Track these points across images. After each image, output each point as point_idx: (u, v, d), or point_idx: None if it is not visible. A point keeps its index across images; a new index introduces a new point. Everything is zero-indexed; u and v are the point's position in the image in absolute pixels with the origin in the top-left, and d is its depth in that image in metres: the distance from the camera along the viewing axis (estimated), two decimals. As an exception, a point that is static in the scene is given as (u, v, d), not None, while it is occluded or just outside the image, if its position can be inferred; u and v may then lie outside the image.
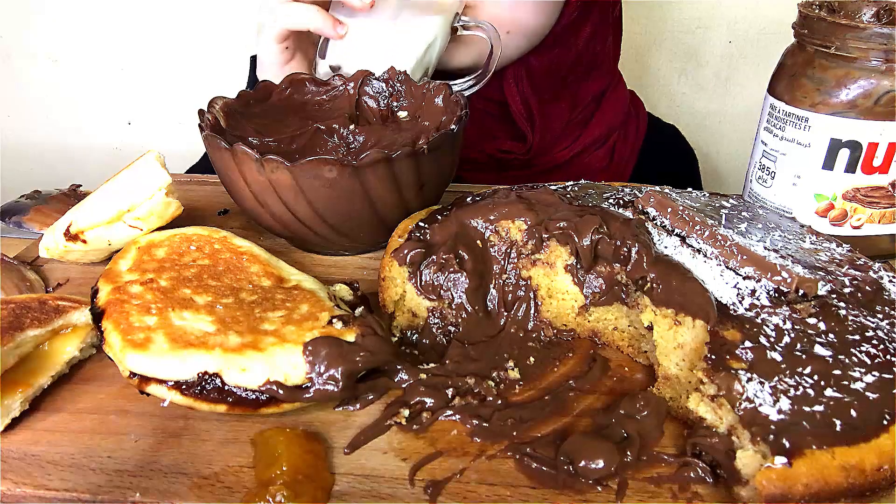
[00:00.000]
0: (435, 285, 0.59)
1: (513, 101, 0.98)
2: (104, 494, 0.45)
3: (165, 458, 0.48)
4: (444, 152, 0.67)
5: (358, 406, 0.52)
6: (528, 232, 0.59)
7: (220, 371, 0.48)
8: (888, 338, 0.49)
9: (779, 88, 0.68)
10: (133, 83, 1.65)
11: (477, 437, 0.50)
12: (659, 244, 0.57)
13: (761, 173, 0.72)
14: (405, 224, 0.65)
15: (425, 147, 0.63)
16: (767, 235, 0.59)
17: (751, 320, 0.49)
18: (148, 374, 0.48)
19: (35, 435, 0.50)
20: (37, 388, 0.53)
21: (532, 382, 0.55)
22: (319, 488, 0.45)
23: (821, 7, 0.67)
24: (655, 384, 0.53)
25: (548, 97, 1.00)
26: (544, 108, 1.00)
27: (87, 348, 0.57)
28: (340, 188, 0.62)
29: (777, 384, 0.45)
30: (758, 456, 0.43)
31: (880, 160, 0.65)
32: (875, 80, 0.62)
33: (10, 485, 0.46)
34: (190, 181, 0.90)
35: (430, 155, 0.64)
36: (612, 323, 0.59)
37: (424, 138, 0.65)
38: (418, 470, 0.47)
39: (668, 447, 0.49)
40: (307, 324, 0.52)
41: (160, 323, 0.50)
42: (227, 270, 0.59)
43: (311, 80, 0.80)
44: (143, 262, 0.58)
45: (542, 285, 0.60)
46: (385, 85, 0.80)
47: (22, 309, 0.54)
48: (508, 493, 0.45)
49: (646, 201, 0.61)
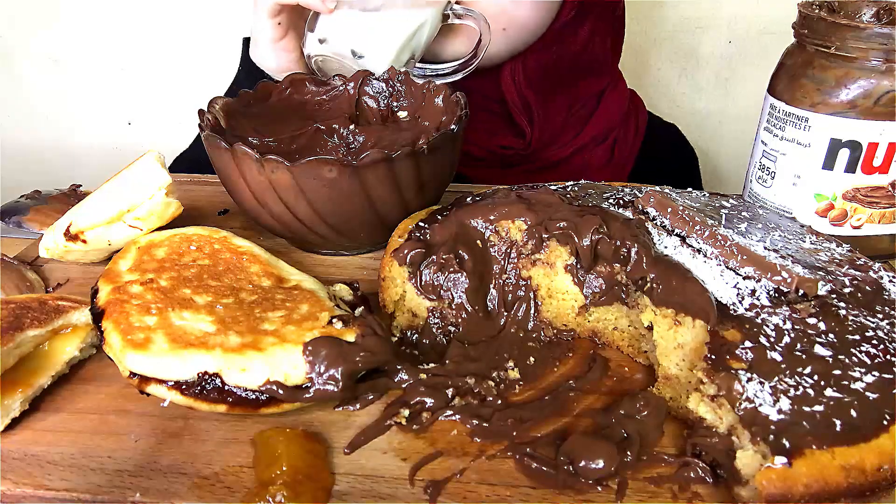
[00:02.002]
0: (435, 285, 0.59)
1: (510, 96, 0.99)
2: (104, 494, 0.45)
3: (165, 458, 0.48)
4: (444, 152, 0.67)
5: (358, 406, 0.52)
6: (528, 232, 0.59)
7: (220, 371, 0.48)
8: (888, 338, 0.49)
9: (779, 88, 0.68)
10: (133, 83, 1.65)
11: (477, 437, 0.50)
12: (659, 244, 0.57)
13: (761, 173, 0.72)
14: (405, 224, 0.65)
15: (425, 147, 0.63)
16: (767, 235, 0.59)
17: (751, 320, 0.49)
18: (148, 374, 0.48)
19: (35, 435, 0.50)
20: (37, 388, 0.53)
21: (532, 382, 0.55)
22: (319, 488, 0.45)
23: (821, 7, 0.67)
24: (655, 384, 0.53)
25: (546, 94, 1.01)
26: (542, 104, 1.01)
27: (87, 348, 0.57)
28: (340, 188, 0.62)
29: (777, 384, 0.45)
30: (758, 456, 0.43)
31: (880, 160, 0.65)
32: (875, 80, 0.62)
33: (10, 485, 0.46)
34: (190, 181, 0.90)
35: (430, 155, 0.64)
36: (612, 323, 0.59)
37: (424, 138, 0.65)
38: (418, 470, 0.47)
39: (668, 447, 0.49)
40: (307, 324, 0.52)
41: (160, 323, 0.50)
42: (227, 270, 0.59)
43: (311, 80, 0.80)
44: (143, 262, 0.58)
45: (542, 285, 0.60)
46: (385, 85, 0.80)
47: (22, 309, 0.54)
48: (508, 493, 0.45)
49: (646, 201, 0.61)
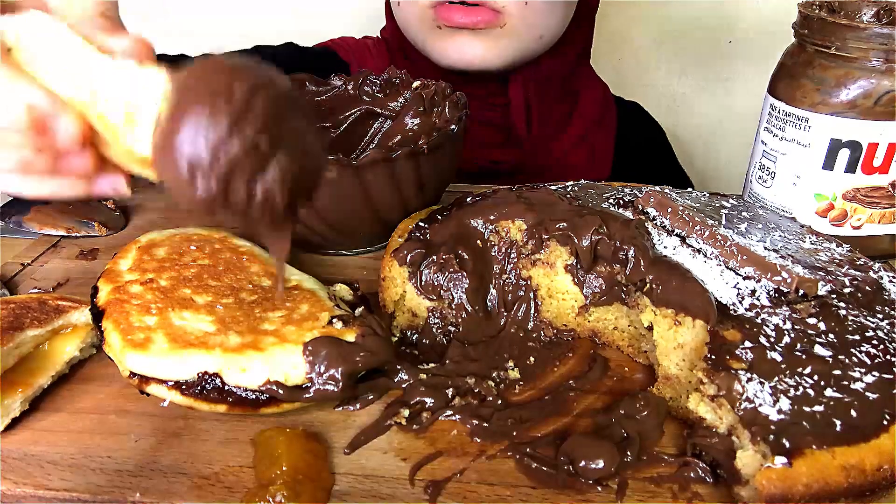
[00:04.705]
0: (435, 285, 0.59)
1: (516, 102, 0.97)
2: (104, 494, 0.45)
3: (165, 458, 0.48)
4: (444, 152, 0.67)
5: (358, 406, 0.52)
6: (528, 232, 0.59)
7: (220, 371, 0.48)
8: (888, 338, 0.49)
9: (779, 88, 0.68)
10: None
11: (477, 437, 0.50)
12: (659, 244, 0.57)
13: (761, 173, 0.72)
14: (405, 224, 0.65)
15: (425, 147, 0.63)
16: (767, 235, 0.59)
17: (751, 320, 0.49)
18: (148, 374, 0.48)
19: (35, 435, 0.50)
20: (37, 388, 0.53)
21: (532, 382, 0.55)
22: (319, 488, 0.45)
23: (821, 7, 0.67)
24: (655, 384, 0.53)
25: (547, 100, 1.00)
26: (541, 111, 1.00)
27: (87, 348, 0.57)
28: (340, 188, 0.62)
29: (777, 384, 0.45)
30: (758, 456, 0.43)
31: (880, 160, 0.65)
32: (875, 80, 0.62)
33: (10, 485, 0.46)
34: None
35: (430, 155, 0.64)
36: (612, 323, 0.59)
37: (424, 138, 0.65)
38: (418, 470, 0.47)
39: (668, 447, 0.49)
40: (307, 324, 0.52)
41: (160, 323, 0.50)
42: (227, 270, 0.59)
43: (310, 80, 0.80)
44: (143, 261, 0.58)
45: (542, 285, 0.60)
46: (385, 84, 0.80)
47: (22, 309, 0.54)
48: (508, 493, 0.45)
49: (646, 201, 0.61)
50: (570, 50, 0.99)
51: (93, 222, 0.77)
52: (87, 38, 0.39)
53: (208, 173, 0.35)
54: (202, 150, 0.35)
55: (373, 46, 1.08)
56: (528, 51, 0.91)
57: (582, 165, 1.04)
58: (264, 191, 0.36)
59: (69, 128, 0.37)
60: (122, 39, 0.39)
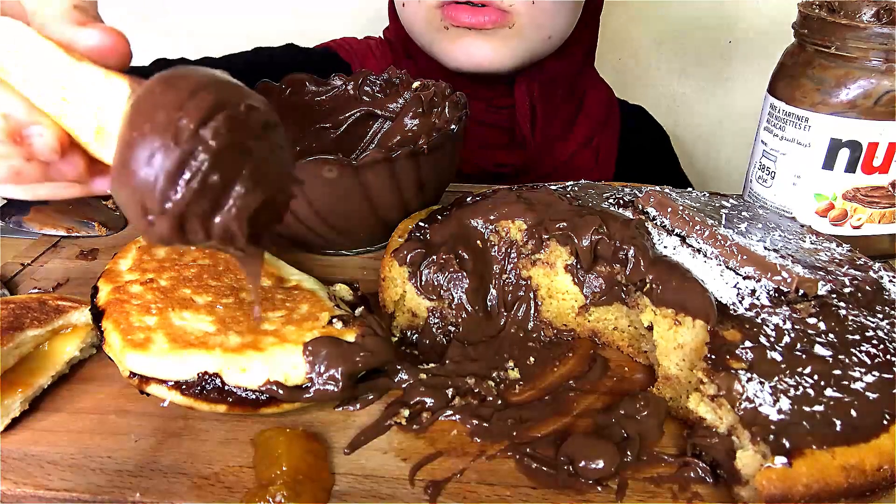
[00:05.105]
0: (435, 285, 0.59)
1: (521, 106, 0.96)
2: (104, 494, 0.45)
3: (165, 458, 0.48)
4: (444, 152, 0.67)
5: (358, 406, 0.52)
6: (528, 232, 0.59)
7: (220, 371, 0.48)
8: (888, 338, 0.49)
9: (779, 88, 0.68)
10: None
11: (477, 437, 0.50)
12: (659, 244, 0.57)
13: (761, 173, 0.72)
14: (405, 224, 0.65)
15: (425, 147, 0.63)
16: (767, 235, 0.59)
17: (751, 320, 0.49)
18: (148, 374, 0.48)
19: (35, 435, 0.50)
20: (37, 388, 0.53)
21: (532, 382, 0.55)
22: (319, 488, 0.45)
23: (821, 7, 0.67)
24: (655, 384, 0.53)
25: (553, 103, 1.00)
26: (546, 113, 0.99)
27: (87, 348, 0.57)
28: (340, 188, 0.62)
29: (777, 384, 0.45)
30: (758, 456, 0.43)
31: (880, 160, 0.65)
32: (875, 80, 0.62)
33: (10, 485, 0.46)
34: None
35: (430, 155, 0.64)
36: (612, 323, 0.59)
37: (424, 138, 0.65)
38: (418, 470, 0.47)
39: (668, 447, 0.49)
40: (307, 324, 0.52)
41: (160, 323, 0.50)
42: (227, 270, 0.59)
43: (310, 80, 0.81)
44: (143, 261, 0.58)
45: (542, 285, 0.60)
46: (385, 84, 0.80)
47: (22, 309, 0.54)
48: (508, 493, 0.45)
49: (646, 201, 0.61)
50: (577, 50, 0.98)
51: (93, 222, 0.77)
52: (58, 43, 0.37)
53: (159, 213, 0.33)
54: (151, 187, 0.32)
55: (376, 47, 1.07)
56: (536, 52, 0.90)
57: (587, 168, 1.04)
58: (222, 227, 0.34)
59: (46, 137, 0.36)
60: (92, 32, 0.37)
